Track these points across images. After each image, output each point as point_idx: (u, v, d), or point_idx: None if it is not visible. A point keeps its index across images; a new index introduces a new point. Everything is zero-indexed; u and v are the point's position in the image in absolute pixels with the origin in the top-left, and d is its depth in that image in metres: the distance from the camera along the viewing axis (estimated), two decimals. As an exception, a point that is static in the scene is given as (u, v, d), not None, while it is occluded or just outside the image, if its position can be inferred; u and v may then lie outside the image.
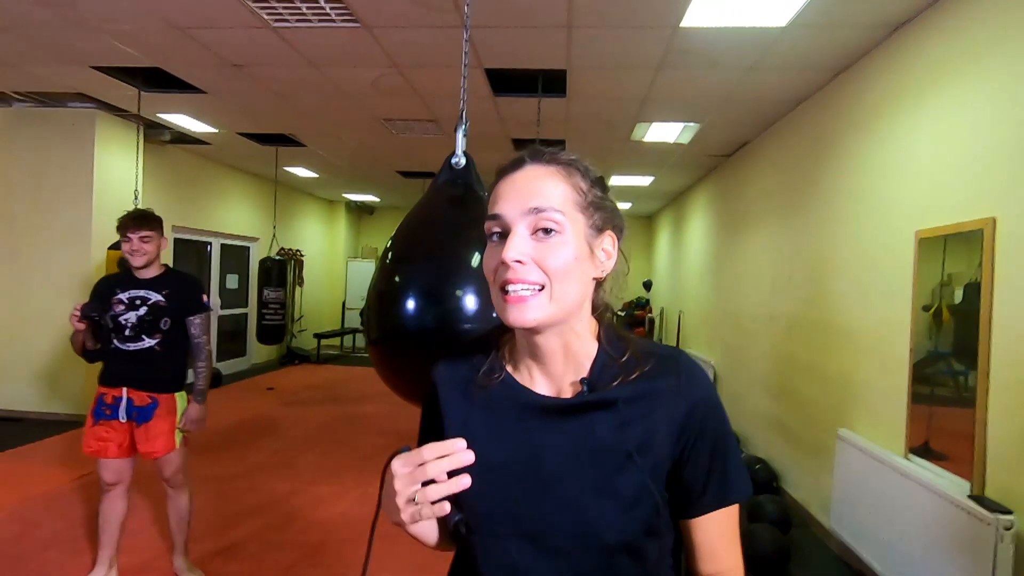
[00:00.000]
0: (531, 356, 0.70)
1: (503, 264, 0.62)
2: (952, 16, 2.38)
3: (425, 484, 0.59)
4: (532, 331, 0.66)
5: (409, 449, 0.63)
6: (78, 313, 2.14)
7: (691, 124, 4.55)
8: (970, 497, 2.07)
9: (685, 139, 4.97)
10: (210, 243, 7.20)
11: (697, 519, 0.68)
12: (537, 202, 0.63)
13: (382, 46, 3.28)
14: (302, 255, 8.80)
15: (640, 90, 3.83)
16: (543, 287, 0.63)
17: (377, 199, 10.35)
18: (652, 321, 9.31)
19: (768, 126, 4.50)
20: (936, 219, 2.39)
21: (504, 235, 0.64)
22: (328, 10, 2.86)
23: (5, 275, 4.88)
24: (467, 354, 0.76)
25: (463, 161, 1.54)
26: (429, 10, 2.79)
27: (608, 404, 0.66)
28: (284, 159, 6.66)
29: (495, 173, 0.70)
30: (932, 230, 2.41)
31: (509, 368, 0.73)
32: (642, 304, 9.82)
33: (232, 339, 7.73)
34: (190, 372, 2.39)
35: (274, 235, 6.89)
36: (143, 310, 2.25)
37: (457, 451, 0.60)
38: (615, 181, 7.05)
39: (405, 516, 0.60)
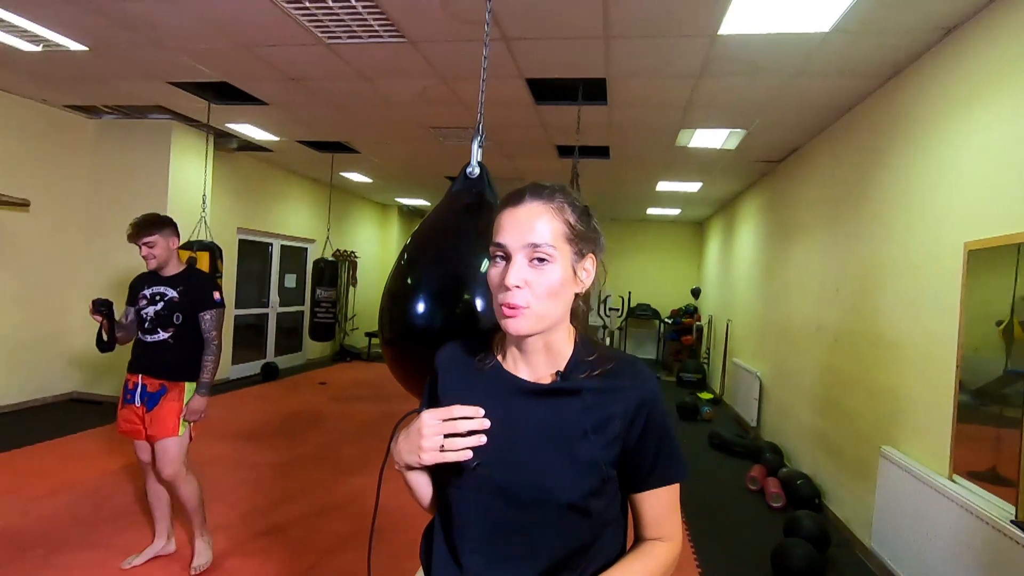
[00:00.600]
0: (518, 350, 0.87)
1: (505, 286, 0.78)
2: (1008, 18, 2.27)
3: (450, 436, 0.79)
4: (521, 338, 0.83)
5: (421, 411, 0.83)
6: (92, 308, 2.40)
7: (737, 130, 4.48)
8: (1013, 523, 1.97)
9: (732, 145, 4.89)
10: (271, 244, 7.64)
11: (643, 494, 0.86)
12: (534, 238, 0.79)
13: (427, 59, 3.43)
14: (356, 256, 9.18)
15: (682, 97, 3.82)
16: (526, 307, 0.79)
17: (427, 203, 10.64)
18: (700, 329, 9.12)
19: (817, 132, 4.38)
20: (986, 230, 2.28)
21: (506, 258, 0.81)
22: (376, 27, 3.03)
23: (91, 271, 5.37)
24: (465, 344, 0.95)
25: (477, 171, 1.62)
26: (467, 24, 2.91)
27: (575, 392, 0.83)
28: (340, 165, 7.00)
29: (500, 202, 0.85)
30: (982, 241, 2.30)
31: (499, 358, 0.90)
32: (690, 311, 9.63)
33: (289, 335, 8.16)
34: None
35: (328, 237, 7.23)
36: (160, 305, 2.46)
37: (478, 416, 0.80)
38: (661, 187, 6.99)
39: (429, 458, 0.79)
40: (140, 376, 2.45)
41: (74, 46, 3.58)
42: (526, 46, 3.17)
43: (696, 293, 9.82)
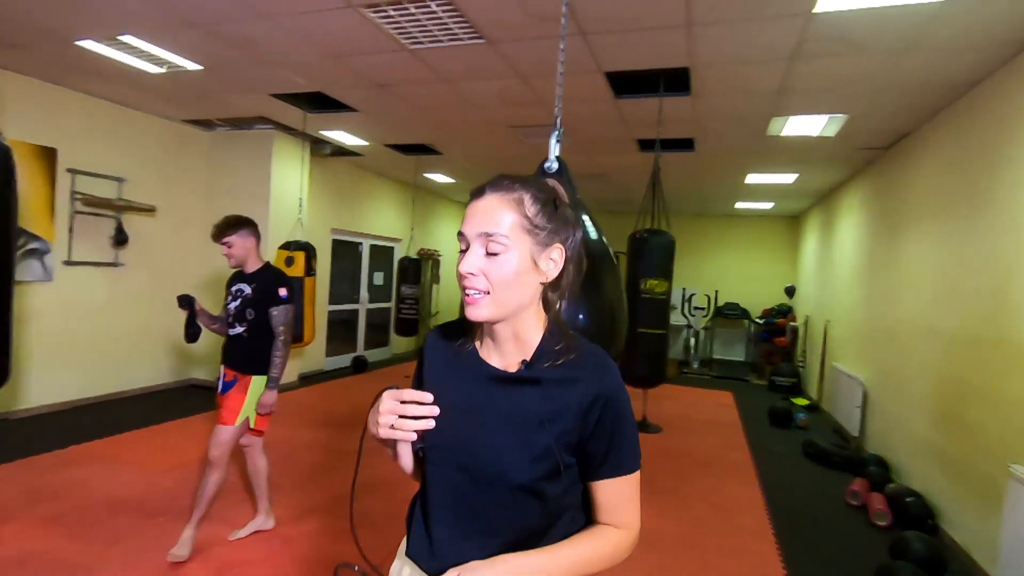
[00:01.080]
0: (491, 338, 0.92)
1: (461, 273, 0.85)
2: None
3: (403, 416, 0.84)
4: (487, 322, 0.88)
5: (398, 388, 0.87)
6: (178, 302, 2.64)
7: (837, 115, 4.14)
8: None
9: (831, 132, 4.53)
10: (361, 244, 8.06)
11: (596, 482, 0.89)
12: (489, 228, 0.84)
13: (505, 59, 3.47)
14: (439, 255, 9.47)
15: (773, 82, 3.59)
16: (488, 292, 0.84)
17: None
18: (795, 330, 8.54)
19: (933, 114, 3.95)
20: None
21: (466, 247, 0.86)
22: (456, 30, 3.11)
23: (207, 268, 5.92)
24: (451, 329, 1.01)
25: (555, 166, 1.61)
26: (545, 22, 2.90)
27: (536, 381, 0.87)
28: (423, 167, 7.25)
29: (469, 194, 0.90)
30: None
31: (476, 344, 0.95)
32: (784, 311, 9.04)
33: (377, 331, 8.57)
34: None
35: (411, 236, 7.50)
36: (238, 301, 2.65)
37: (427, 403, 0.85)
38: (751, 179, 6.61)
39: (382, 432, 0.85)
40: (223, 367, 2.69)
41: (191, 66, 3.97)
42: (604, 40, 3.12)
43: (791, 292, 9.20)
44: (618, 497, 0.90)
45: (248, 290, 2.63)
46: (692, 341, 9.35)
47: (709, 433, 5.35)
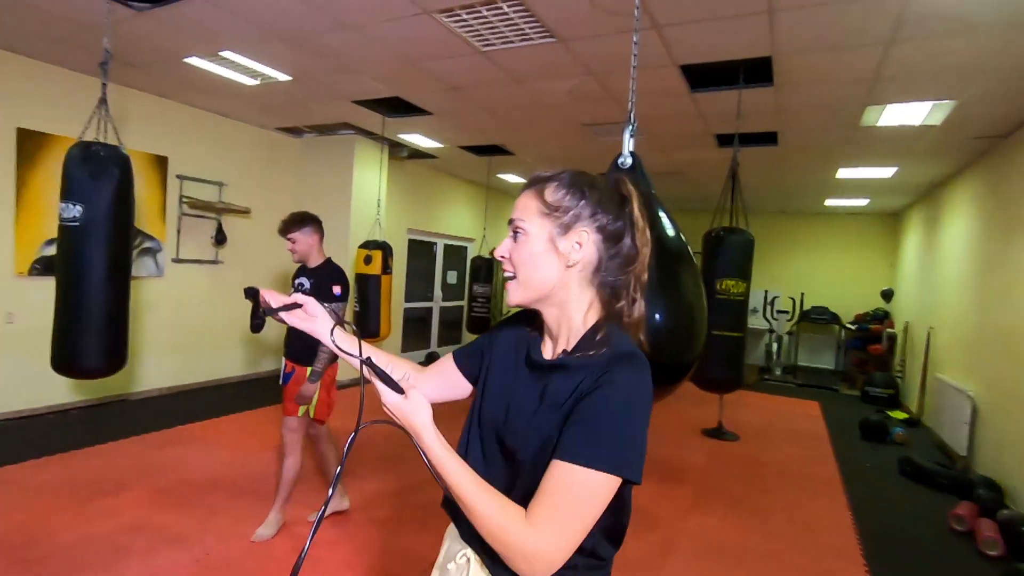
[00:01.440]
0: (545, 325, 0.96)
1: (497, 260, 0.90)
2: None
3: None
4: (528, 307, 0.94)
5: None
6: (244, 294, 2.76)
7: (943, 102, 3.77)
8: None
9: (936, 120, 4.13)
10: (436, 243, 8.30)
11: (553, 461, 0.81)
12: (514, 215, 0.93)
13: (576, 56, 3.45)
14: (510, 255, 9.55)
15: (867, 69, 3.33)
16: (515, 276, 0.91)
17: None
18: (892, 337, 7.86)
19: (1063, 95, 3.50)
20: None
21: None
22: (527, 30, 3.13)
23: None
24: (530, 318, 1.02)
25: (629, 161, 1.59)
26: (616, 17, 2.86)
27: (562, 367, 0.89)
28: (496, 167, 7.34)
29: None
30: None
31: (538, 333, 0.99)
32: (880, 316, 8.35)
33: (451, 328, 8.79)
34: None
35: (484, 236, 7.62)
36: (298, 294, 2.76)
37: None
38: (843, 174, 6.15)
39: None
40: (283, 358, 2.86)
41: (282, 77, 4.25)
42: (678, 32, 3.02)
43: (888, 295, 8.48)
44: (554, 484, 0.79)
45: (307, 284, 2.78)
46: (775, 346, 8.84)
47: (792, 444, 5.04)
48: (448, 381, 1.08)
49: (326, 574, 2.47)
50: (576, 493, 0.78)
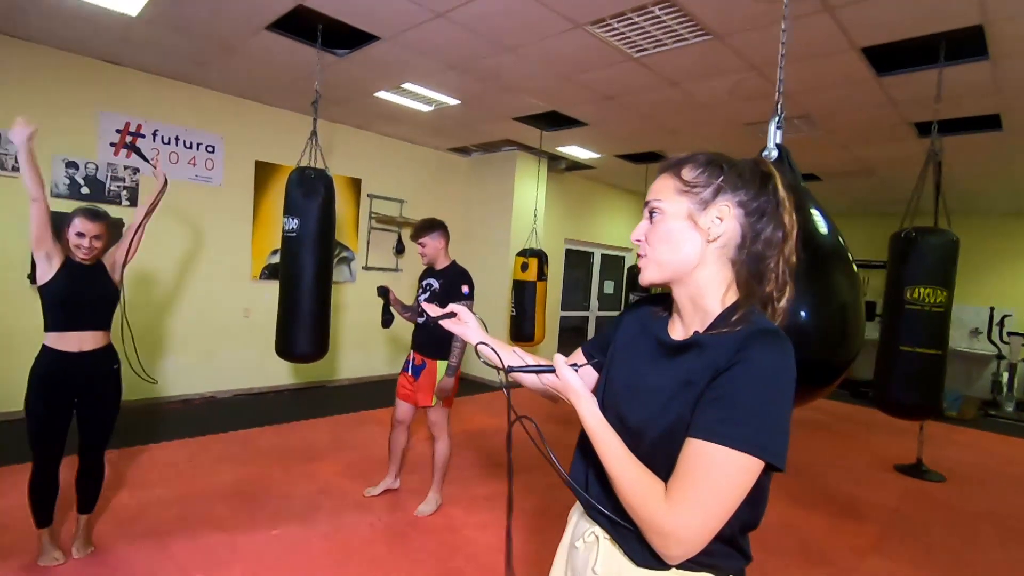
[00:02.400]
0: (677, 306, 0.95)
1: (632, 242, 0.95)
2: None
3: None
4: (666, 287, 0.93)
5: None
6: (377, 292, 3.08)
7: None
8: None
9: None
10: (593, 253, 8.37)
11: (687, 439, 0.80)
12: (650, 197, 0.93)
13: (735, 51, 3.29)
14: (670, 265, 9.23)
15: None
16: (644, 256, 0.93)
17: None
18: None
19: None
20: None
21: None
22: (680, 30, 3.08)
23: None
24: (658, 300, 1.05)
25: (775, 154, 1.51)
26: (774, 4, 2.68)
27: (695, 345, 0.86)
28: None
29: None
30: None
31: (667, 314, 0.99)
32: None
33: (605, 338, 8.76)
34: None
35: (643, 245, 7.47)
36: (427, 293, 2.99)
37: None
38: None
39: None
40: (412, 352, 3.09)
41: (452, 101, 4.71)
42: (854, 11, 2.72)
43: None
44: (690, 463, 0.77)
45: (436, 284, 3.00)
46: (1004, 376, 7.24)
47: (1019, 494, 4.11)
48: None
49: (475, 554, 2.66)
50: (714, 473, 0.75)
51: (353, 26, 3.35)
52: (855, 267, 1.44)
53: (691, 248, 0.88)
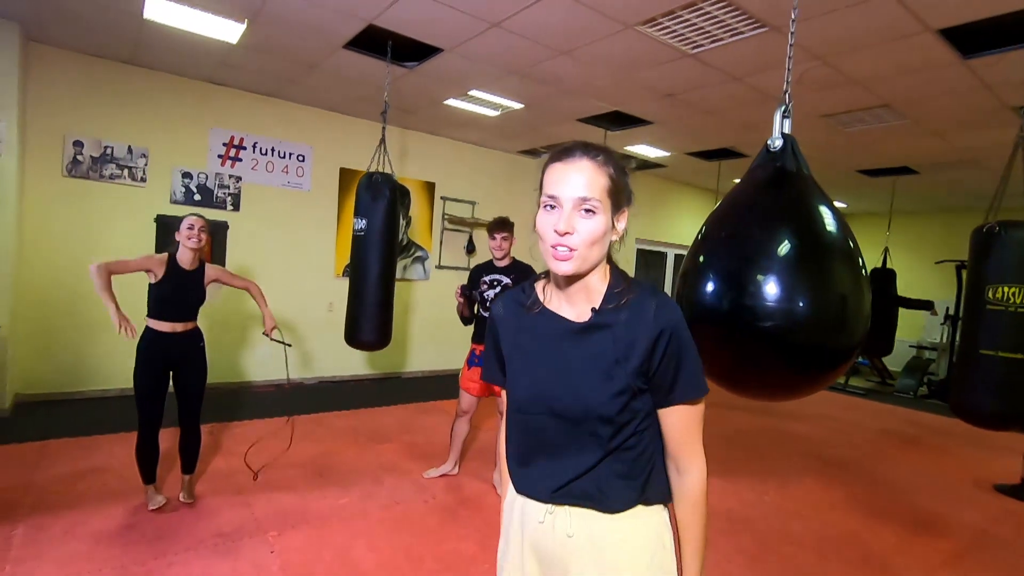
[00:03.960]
0: (562, 292, 1.02)
1: (556, 232, 0.92)
2: None
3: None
4: (566, 276, 0.97)
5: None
6: (459, 291, 3.16)
7: None
8: None
9: None
10: (665, 253, 8.23)
11: (666, 410, 0.99)
12: (584, 192, 0.92)
13: (797, 42, 3.18)
14: (750, 265, 8.85)
15: None
16: (575, 249, 0.93)
17: (844, 204, 9.28)
18: None
19: None
20: None
21: (556, 208, 0.94)
22: (735, 24, 3.04)
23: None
24: (515, 295, 1.11)
25: (779, 143, 1.52)
26: (836, -9, 2.59)
27: (607, 326, 0.97)
28: (731, 172, 6.96)
29: (551, 155, 0.98)
30: None
31: (545, 302, 1.05)
32: None
33: (679, 340, 8.56)
34: None
35: (717, 244, 7.25)
36: (498, 288, 3.12)
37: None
38: None
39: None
40: (474, 344, 3.24)
41: (516, 106, 4.89)
42: (923, -9, 2.57)
43: None
44: (685, 424, 0.99)
45: (507, 280, 3.17)
46: None
47: None
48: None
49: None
50: (697, 419, 1.00)
51: (418, 40, 3.61)
52: (862, 260, 1.42)
53: (606, 247, 0.97)
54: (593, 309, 0.99)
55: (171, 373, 2.72)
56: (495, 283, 3.22)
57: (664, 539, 1.02)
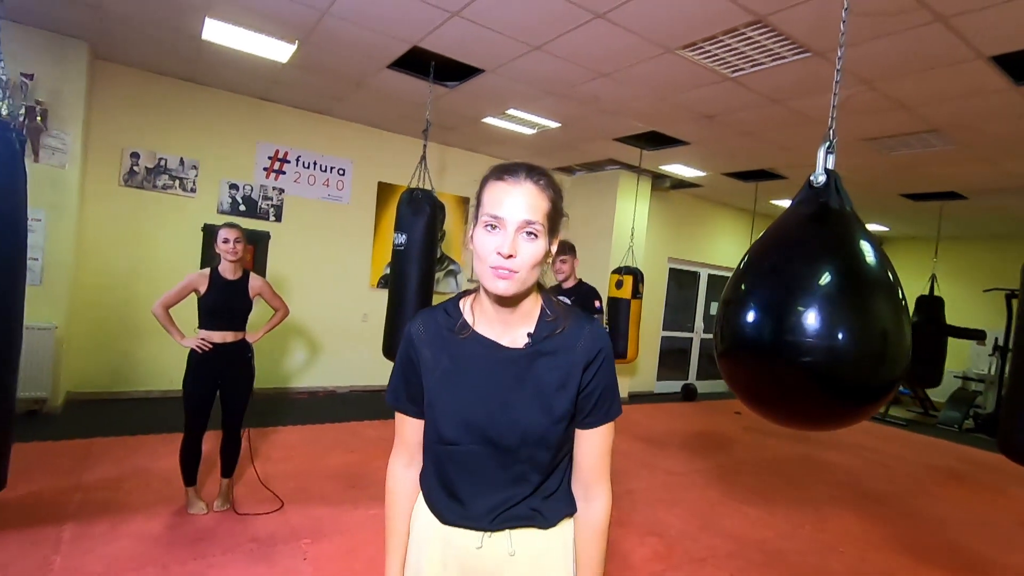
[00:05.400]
0: (496, 315, 0.99)
1: (499, 254, 0.90)
2: None
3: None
4: (502, 299, 0.96)
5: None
6: None
7: None
8: None
9: None
10: (699, 272, 8.13)
11: (587, 431, 1.02)
12: (529, 215, 0.91)
13: (843, 66, 3.15)
14: (786, 287, 8.66)
15: None
16: (517, 272, 0.91)
17: (886, 228, 9.02)
18: None
19: None
20: None
21: (498, 228, 0.92)
22: (776, 49, 3.03)
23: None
24: (435, 315, 1.05)
25: (823, 179, 1.52)
26: (885, 18, 2.56)
27: (546, 354, 0.99)
28: (767, 193, 6.87)
29: (493, 173, 0.97)
30: None
31: (475, 325, 1.01)
32: None
33: (710, 361, 8.41)
34: None
35: (752, 266, 7.13)
36: None
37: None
38: None
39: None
40: None
41: (553, 125, 4.94)
42: (973, 19, 2.53)
43: None
44: (603, 446, 1.03)
45: (569, 301, 3.16)
46: None
47: None
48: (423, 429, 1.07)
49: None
50: (609, 444, 1.04)
51: (460, 61, 3.70)
52: (902, 292, 1.40)
53: (540, 271, 0.97)
54: (529, 334, 0.99)
55: (218, 381, 2.81)
56: None
57: (571, 552, 1.07)
